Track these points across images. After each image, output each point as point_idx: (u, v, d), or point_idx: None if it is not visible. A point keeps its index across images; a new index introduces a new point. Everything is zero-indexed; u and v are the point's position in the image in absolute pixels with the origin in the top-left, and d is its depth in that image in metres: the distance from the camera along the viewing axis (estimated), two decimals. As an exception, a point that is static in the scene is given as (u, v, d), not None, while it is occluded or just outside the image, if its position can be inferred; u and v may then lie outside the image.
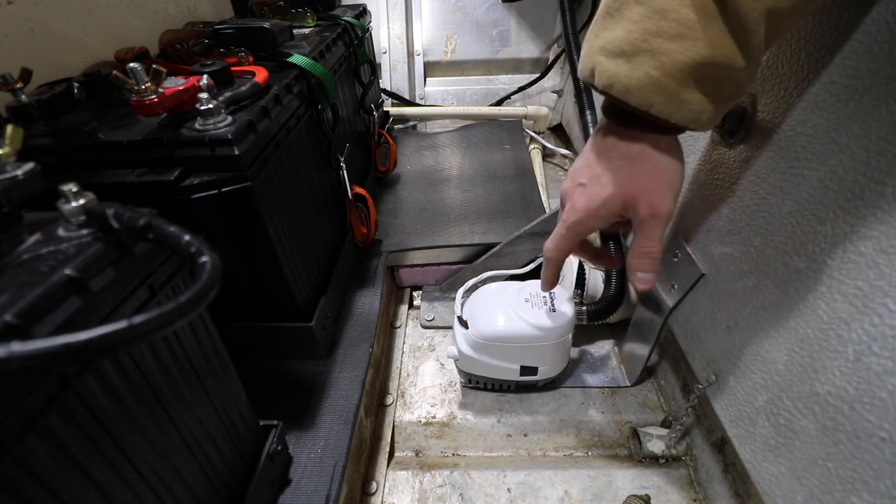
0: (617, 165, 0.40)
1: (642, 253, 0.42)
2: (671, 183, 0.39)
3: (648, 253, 0.42)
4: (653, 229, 0.41)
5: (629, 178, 0.39)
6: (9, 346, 0.18)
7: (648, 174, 0.39)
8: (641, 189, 0.39)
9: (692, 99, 0.33)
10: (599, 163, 0.41)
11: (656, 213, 0.40)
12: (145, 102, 0.42)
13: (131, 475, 0.31)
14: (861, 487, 0.34)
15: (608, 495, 0.58)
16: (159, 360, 0.33)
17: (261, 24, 0.61)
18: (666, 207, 0.40)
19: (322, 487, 0.49)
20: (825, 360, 0.37)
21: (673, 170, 0.39)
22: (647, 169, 0.39)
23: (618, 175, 0.40)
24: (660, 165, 0.39)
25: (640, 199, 0.40)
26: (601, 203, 0.41)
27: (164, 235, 0.27)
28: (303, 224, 0.60)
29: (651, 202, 0.39)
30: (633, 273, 0.43)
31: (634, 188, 0.39)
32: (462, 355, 0.64)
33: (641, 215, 0.40)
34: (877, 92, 0.34)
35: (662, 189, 0.39)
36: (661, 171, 0.39)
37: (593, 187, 0.41)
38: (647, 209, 0.40)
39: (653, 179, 0.39)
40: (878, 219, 0.33)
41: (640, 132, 0.38)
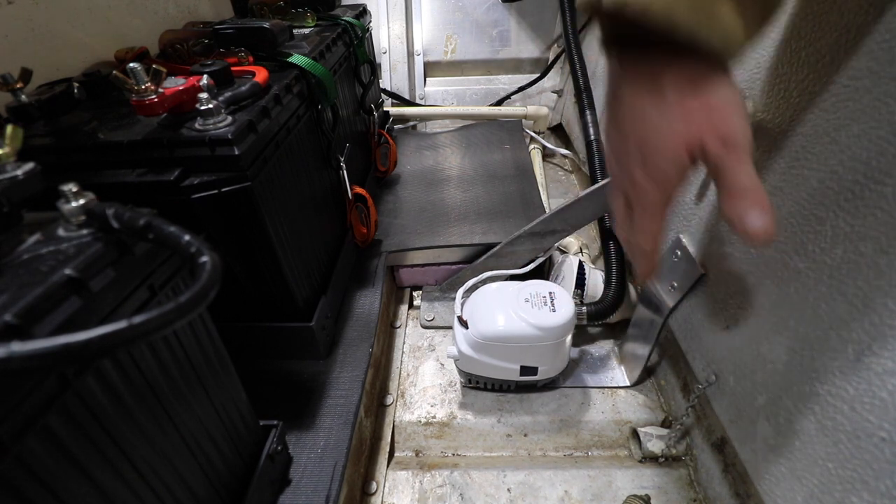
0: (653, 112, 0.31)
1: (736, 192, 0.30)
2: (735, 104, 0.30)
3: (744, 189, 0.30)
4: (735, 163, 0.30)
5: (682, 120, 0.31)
6: (9, 346, 0.18)
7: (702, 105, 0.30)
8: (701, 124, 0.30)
9: (726, 16, 0.27)
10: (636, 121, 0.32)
11: (731, 143, 0.30)
12: (145, 102, 0.42)
13: (131, 475, 0.31)
14: (861, 487, 0.34)
15: (608, 495, 0.58)
16: (159, 360, 0.33)
17: (261, 24, 0.61)
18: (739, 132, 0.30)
19: (322, 487, 0.49)
20: (825, 360, 0.37)
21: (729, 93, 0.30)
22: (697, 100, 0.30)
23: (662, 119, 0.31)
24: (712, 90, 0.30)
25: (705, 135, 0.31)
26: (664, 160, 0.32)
27: (164, 235, 0.27)
28: (303, 224, 0.60)
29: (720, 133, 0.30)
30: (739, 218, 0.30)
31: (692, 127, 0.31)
32: (462, 355, 0.64)
33: (713, 153, 0.30)
34: (877, 92, 0.34)
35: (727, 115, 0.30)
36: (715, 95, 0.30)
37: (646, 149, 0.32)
38: (718, 143, 0.30)
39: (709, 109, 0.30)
40: (878, 219, 0.33)
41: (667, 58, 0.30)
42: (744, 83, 0.48)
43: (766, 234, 0.29)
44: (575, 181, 1.20)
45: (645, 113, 0.32)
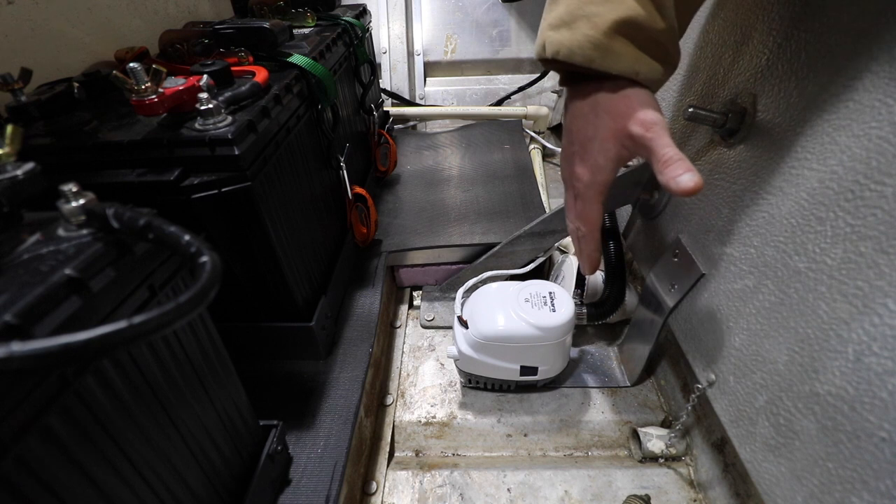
0: (594, 116, 0.42)
1: (666, 161, 0.38)
2: (646, 100, 0.40)
3: (671, 157, 0.38)
4: (657, 138, 0.39)
5: (609, 117, 0.41)
6: (9, 346, 0.18)
7: (623, 102, 0.40)
8: (623, 116, 0.40)
9: (624, 52, 0.38)
10: (579, 127, 0.44)
11: (650, 124, 0.39)
12: (145, 102, 0.42)
13: (131, 475, 0.31)
14: (861, 487, 0.34)
15: (608, 495, 0.58)
16: (159, 360, 0.33)
17: (261, 24, 0.61)
18: (654, 115, 0.40)
19: (322, 487, 0.49)
20: (825, 360, 0.37)
21: (642, 93, 0.41)
22: (618, 100, 0.41)
23: (598, 122, 0.42)
24: (629, 93, 0.40)
25: (628, 123, 0.40)
26: (597, 152, 0.42)
27: (164, 235, 0.27)
28: (303, 224, 0.60)
29: (639, 119, 0.40)
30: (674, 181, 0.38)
31: (616, 121, 0.41)
32: (462, 355, 0.64)
33: (637, 135, 0.40)
34: (877, 92, 0.34)
35: (642, 106, 0.40)
36: (632, 96, 0.40)
37: (585, 147, 0.43)
38: (640, 126, 0.40)
39: (629, 105, 0.40)
40: (878, 219, 0.33)
41: (598, 82, 0.41)
42: (744, 83, 0.48)
43: (697, 187, 0.38)
44: (575, 181, 1.20)
45: (585, 118, 0.43)
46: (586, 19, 0.38)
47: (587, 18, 0.38)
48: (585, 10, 0.38)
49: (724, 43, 0.51)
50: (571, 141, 0.45)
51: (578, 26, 0.38)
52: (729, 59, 0.51)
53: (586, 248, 0.50)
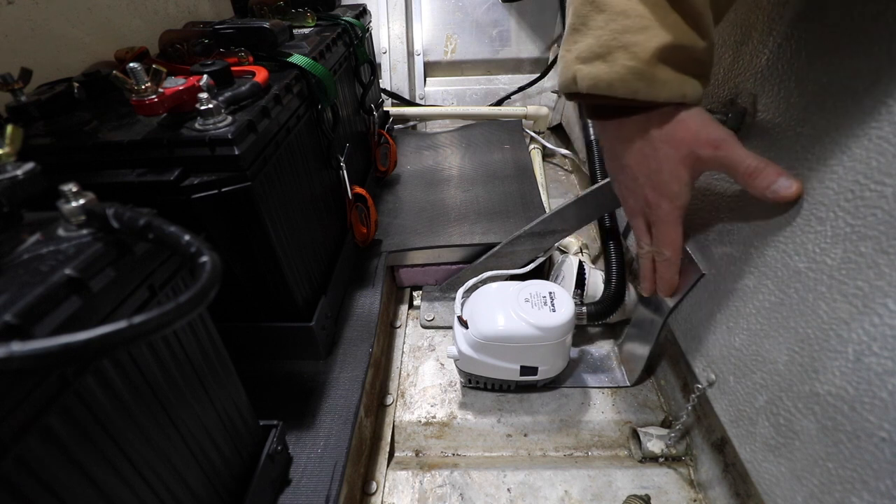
0: (649, 151, 0.41)
1: (751, 172, 0.39)
2: (705, 119, 0.40)
3: (756, 168, 0.39)
4: (732, 153, 0.39)
5: (672, 146, 0.40)
6: (9, 346, 0.18)
7: (682, 128, 0.40)
8: (689, 141, 0.40)
9: (669, 78, 0.37)
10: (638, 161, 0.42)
11: (719, 143, 0.39)
12: (145, 102, 0.42)
13: (131, 475, 0.31)
14: (861, 487, 0.34)
15: (608, 495, 0.58)
16: (159, 360, 0.33)
17: (261, 24, 0.61)
18: (721, 132, 0.39)
19: (322, 487, 0.49)
20: (825, 360, 0.37)
21: (697, 113, 0.40)
22: (677, 127, 0.40)
23: (660, 154, 0.41)
24: (684, 117, 0.40)
25: (695, 147, 0.40)
26: (670, 182, 0.42)
27: (164, 235, 0.27)
28: (303, 224, 0.60)
29: (706, 140, 0.39)
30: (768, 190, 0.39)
31: (682, 148, 0.40)
32: (462, 355, 0.64)
33: (709, 157, 0.40)
34: (877, 92, 0.34)
35: (704, 127, 0.40)
36: (689, 119, 0.40)
37: (653, 179, 0.42)
38: (709, 148, 0.39)
39: (689, 129, 0.40)
40: (878, 219, 0.33)
41: (644, 113, 0.40)
42: (744, 83, 0.48)
43: (798, 191, 0.38)
44: (575, 181, 1.20)
45: (642, 152, 0.42)
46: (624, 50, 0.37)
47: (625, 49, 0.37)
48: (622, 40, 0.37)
49: (724, 43, 0.51)
50: (634, 177, 0.44)
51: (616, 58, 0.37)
52: (729, 59, 0.51)
53: (667, 272, 0.50)
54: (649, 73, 0.37)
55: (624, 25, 0.36)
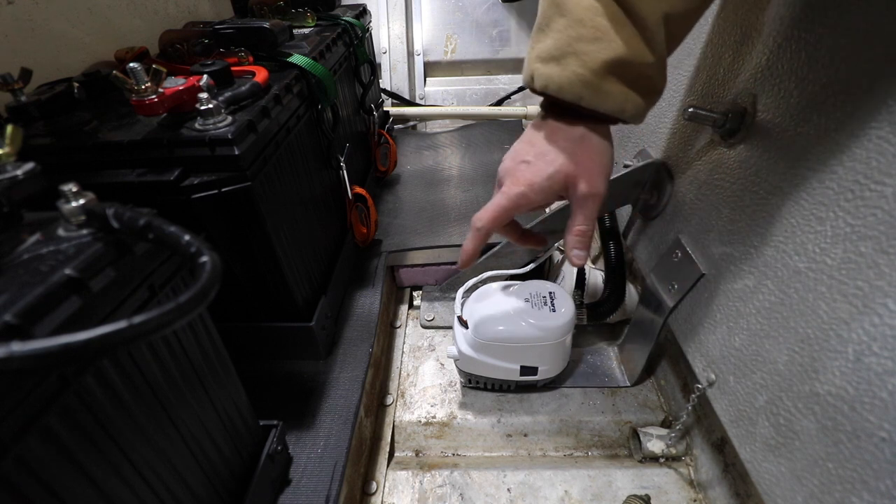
0: (562, 146, 0.43)
1: (579, 231, 0.45)
2: (606, 167, 0.44)
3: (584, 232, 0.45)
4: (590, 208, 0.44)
5: (573, 157, 0.43)
6: (9, 346, 0.18)
7: (589, 155, 0.43)
8: (583, 168, 0.43)
9: (614, 90, 0.39)
10: (545, 143, 0.44)
11: (594, 193, 0.44)
12: (145, 102, 0.42)
13: (131, 475, 0.31)
14: (861, 487, 0.34)
15: (608, 495, 0.58)
16: (159, 360, 0.33)
17: (261, 24, 0.61)
18: (602, 187, 0.44)
19: (322, 487, 0.49)
20: (825, 360, 0.37)
21: (608, 154, 0.44)
22: (588, 150, 0.43)
23: (563, 153, 0.43)
24: (599, 148, 0.43)
25: (582, 177, 0.43)
26: (547, 177, 0.44)
27: (164, 235, 0.27)
28: (303, 224, 0.60)
29: (591, 181, 0.43)
30: (570, 250, 0.46)
31: (577, 167, 0.43)
32: (462, 355, 0.64)
33: (581, 193, 0.43)
34: (877, 92, 0.34)
35: (600, 171, 0.44)
36: (600, 153, 0.44)
37: (538, 163, 0.44)
38: (587, 187, 0.43)
39: (592, 161, 0.43)
40: (878, 219, 0.33)
41: (582, 119, 0.42)
42: (744, 83, 0.48)
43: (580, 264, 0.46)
44: (575, 181, 1.20)
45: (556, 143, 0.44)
46: (576, 57, 0.38)
47: (576, 56, 0.38)
48: (575, 47, 0.38)
49: (724, 43, 0.51)
50: (527, 152, 0.46)
51: (568, 63, 0.39)
52: (729, 59, 0.51)
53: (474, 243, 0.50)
54: (595, 83, 0.39)
55: (579, 33, 0.38)
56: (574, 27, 0.38)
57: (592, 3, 0.37)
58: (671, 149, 0.62)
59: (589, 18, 0.37)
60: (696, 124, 0.55)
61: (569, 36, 0.39)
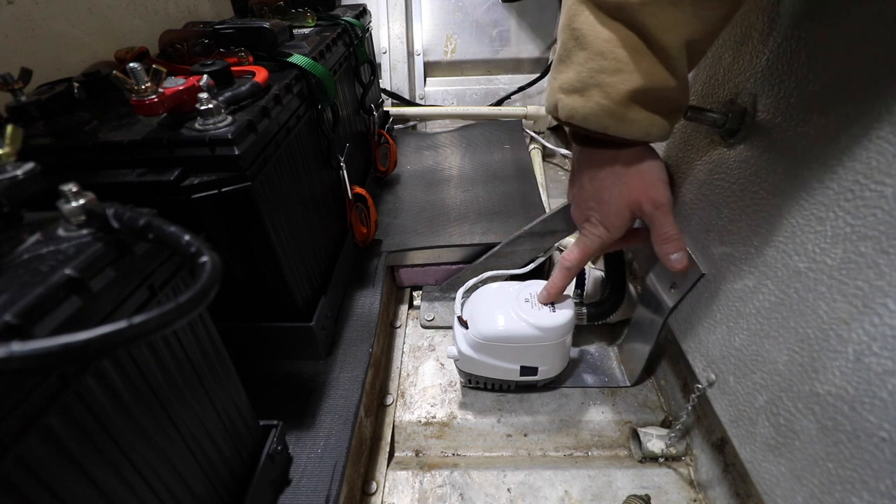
0: (610, 183, 0.47)
1: (665, 238, 0.49)
2: (659, 177, 0.47)
3: (670, 236, 0.49)
4: (662, 217, 0.48)
5: (626, 188, 0.47)
6: (9, 346, 0.18)
7: (638, 179, 0.46)
8: (639, 192, 0.47)
9: (638, 118, 0.40)
10: (596, 189, 0.49)
11: (658, 205, 0.47)
12: (145, 102, 0.42)
13: (131, 475, 0.31)
14: (861, 487, 0.34)
15: (608, 495, 0.58)
16: (159, 360, 0.33)
17: (261, 24, 0.61)
18: (664, 196, 0.47)
19: (322, 487, 0.49)
20: (825, 360, 0.37)
21: (656, 168, 0.47)
22: (635, 175, 0.46)
23: (615, 190, 0.47)
24: (644, 168, 0.46)
25: (642, 199, 0.47)
26: (615, 216, 0.49)
27: (164, 235, 0.27)
28: (303, 224, 0.60)
29: (651, 198, 0.47)
30: (667, 257, 0.50)
31: (632, 194, 0.47)
32: (462, 355, 0.64)
33: (647, 211, 0.47)
34: (877, 92, 0.34)
35: (655, 184, 0.47)
36: (647, 171, 0.46)
37: (603, 209, 0.49)
38: (650, 205, 0.47)
39: (643, 181, 0.47)
40: (878, 219, 0.33)
41: (615, 150, 0.45)
42: (744, 83, 0.48)
43: (683, 267, 0.50)
44: (575, 181, 1.20)
45: (601, 182, 0.48)
46: (599, 89, 0.39)
47: (599, 88, 0.39)
48: (598, 79, 0.39)
49: (724, 43, 0.51)
50: (587, 198, 0.50)
51: (591, 95, 0.40)
52: (729, 59, 0.51)
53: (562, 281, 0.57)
54: (620, 113, 0.40)
55: (601, 65, 0.39)
56: (595, 59, 0.39)
57: (611, 36, 0.38)
58: (671, 149, 0.62)
59: (609, 51, 0.38)
60: (696, 124, 0.54)
61: (590, 69, 0.39)
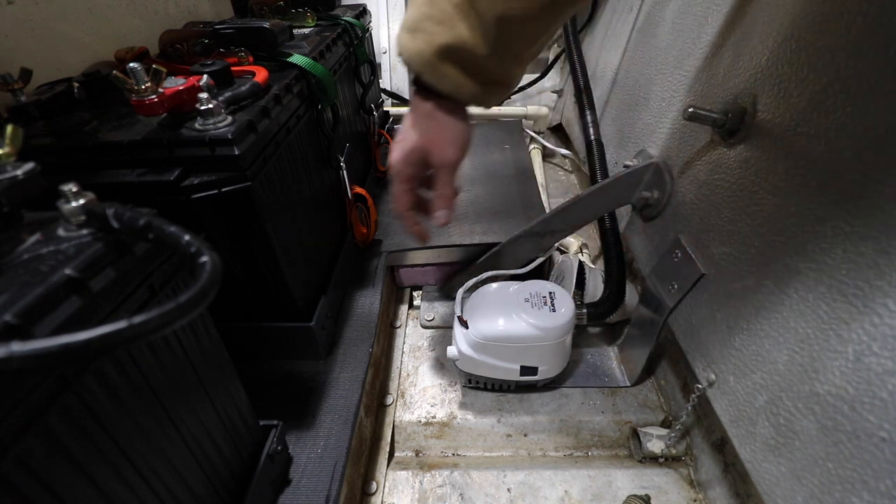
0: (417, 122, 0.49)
1: (439, 195, 0.52)
2: (455, 138, 0.48)
3: (444, 195, 0.51)
4: (445, 175, 0.50)
5: (425, 132, 0.48)
6: (9, 346, 0.18)
7: (437, 129, 0.47)
8: (432, 141, 0.48)
9: (449, 73, 0.42)
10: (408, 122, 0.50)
11: (444, 162, 0.49)
12: (145, 102, 0.42)
13: (131, 475, 0.31)
14: (861, 487, 0.34)
15: (608, 495, 0.58)
16: (159, 360, 0.33)
17: (261, 24, 0.61)
18: (452, 157, 0.48)
19: (322, 487, 0.49)
20: (825, 360, 0.37)
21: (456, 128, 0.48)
22: (435, 125, 0.47)
23: (417, 129, 0.48)
24: (445, 123, 0.47)
25: (433, 149, 0.48)
26: (409, 151, 0.49)
27: (164, 235, 0.27)
28: (303, 224, 0.60)
29: (441, 152, 0.48)
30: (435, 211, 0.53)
31: (428, 140, 0.48)
32: (462, 355, 0.64)
33: (435, 163, 0.49)
34: (876, 92, 0.34)
35: (448, 142, 0.48)
36: (446, 127, 0.47)
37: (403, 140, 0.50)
38: (438, 158, 0.49)
39: (440, 134, 0.48)
40: (878, 219, 0.33)
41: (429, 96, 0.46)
42: (744, 83, 0.48)
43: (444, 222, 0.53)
44: (575, 181, 1.20)
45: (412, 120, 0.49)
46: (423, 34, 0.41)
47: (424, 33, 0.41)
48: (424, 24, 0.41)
49: (724, 43, 0.51)
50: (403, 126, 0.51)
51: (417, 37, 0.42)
52: (729, 59, 0.51)
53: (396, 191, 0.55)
54: (434, 63, 0.41)
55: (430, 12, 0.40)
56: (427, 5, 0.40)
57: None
58: (671, 149, 0.62)
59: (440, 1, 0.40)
60: (696, 124, 0.55)
61: (423, 12, 0.41)
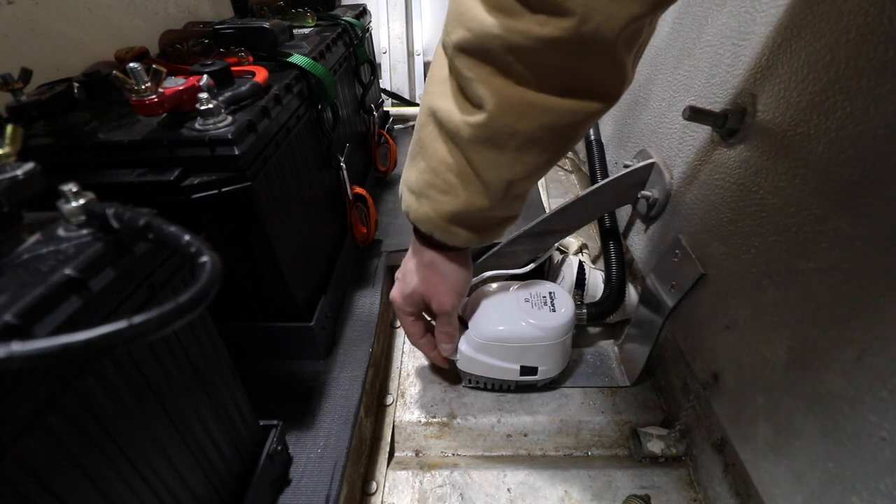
0: (417, 269, 0.53)
1: (441, 333, 0.59)
2: (454, 286, 0.52)
3: (446, 333, 0.59)
4: (444, 319, 0.57)
5: (423, 281, 0.53)
6: (9, 346, 0.18)
7: (435, 279, 0.52)
8: (431, 290, 0.53)
9: (459, 232, 0.46)
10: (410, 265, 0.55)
11: (443, 310, 0.54)
12: (145, 102, 0.42)
13: (131, 475, 0.31)
14: (861, 487, 0.34)
15: (608, 495, 0.58)
16: (159, 360, 0.33)
17: (261, 24, 0.61)
18: (449, 305, 0.54)
19: (322, 487, 0.49)
20: (825, 360, 0.37)
21: (456, 276, 0.52)
22: (434, 275, 0.52)
23: (416, 277, 0.54)
24: (445, 272, 0.51)
25: (432, 297, 0.53)
26: (408, 294, 0.55)
27: (164, 235, 0.27)
28: (303, 224, 0.60)
29: (439, 301, 0.53)
30: (439, 343, 0.61)
31: (427, 289, 0.53)
32: (462, 355, 0.64)
33: (434, 310, 0.55)
34: (876, 92, 0.34)
35: (447, 291, 0.53)
36: (446, 277, 0.52)
37: (404, 283, 0.56)
38: (437, 306, 0.54)
39: (438, 284, 0.52)
40: (878, 219, 0.33)
41: (432, 246, 0.50)
42: (744, 83, 0.48)
43: (448, 355, 0.63)
44: (575, 181, 1.20)
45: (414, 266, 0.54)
46: (428, 200, 0.44)
47: (429, 200, 0.44)
48: (428, 192, 0.44)
49: (724, 43, 0.51)
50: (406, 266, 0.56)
51: (423, 202, 0.45)
52: (729, 59, 0.51)
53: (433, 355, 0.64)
54: (443, 226, 0.45)
55: (433, 181, 0.43)
56: (430, 174, 0.43)
57: (446, 156, 0.41)
58: (671, 149, 0.62)
59: (441, 172, 0.42)
60: (696, 124, 0.55)
61: (425, 180, 0.44)
